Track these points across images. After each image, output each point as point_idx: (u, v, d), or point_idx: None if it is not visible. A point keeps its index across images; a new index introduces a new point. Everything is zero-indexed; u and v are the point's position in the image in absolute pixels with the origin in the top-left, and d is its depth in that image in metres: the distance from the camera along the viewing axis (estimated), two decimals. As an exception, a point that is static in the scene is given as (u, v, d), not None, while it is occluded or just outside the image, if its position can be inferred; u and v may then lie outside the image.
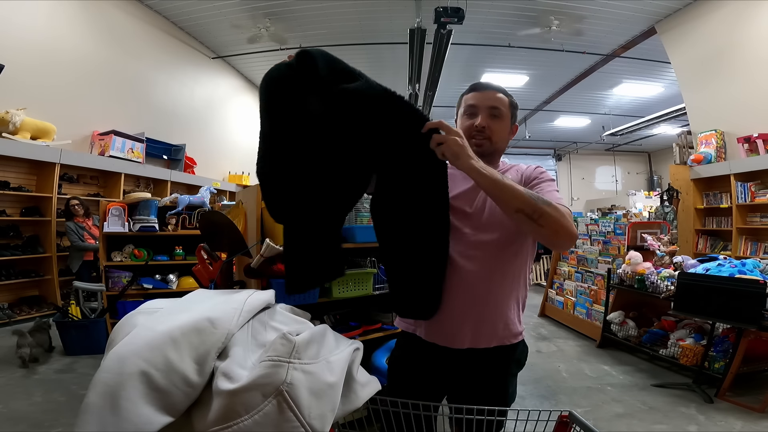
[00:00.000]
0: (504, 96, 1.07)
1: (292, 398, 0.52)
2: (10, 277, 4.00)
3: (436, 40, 5.57)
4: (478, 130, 1.03)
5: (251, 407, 0.51)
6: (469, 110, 1.07)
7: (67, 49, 4.73)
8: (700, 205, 5.06)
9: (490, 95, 1.06)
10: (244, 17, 6.05)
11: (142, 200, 3.53)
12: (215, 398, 0.54)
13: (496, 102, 1.05)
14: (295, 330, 0.67)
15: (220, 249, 2.11)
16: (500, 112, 1.05)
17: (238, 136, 8.69)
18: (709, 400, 2.47)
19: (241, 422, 0.51)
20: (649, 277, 3.14)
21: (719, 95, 5.02)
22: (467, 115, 1.07)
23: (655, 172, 14.10)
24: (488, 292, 0.97)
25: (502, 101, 1.06)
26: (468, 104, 1.07)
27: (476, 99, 1.06)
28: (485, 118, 1.04)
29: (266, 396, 0.52)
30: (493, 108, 1.04)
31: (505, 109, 1.06)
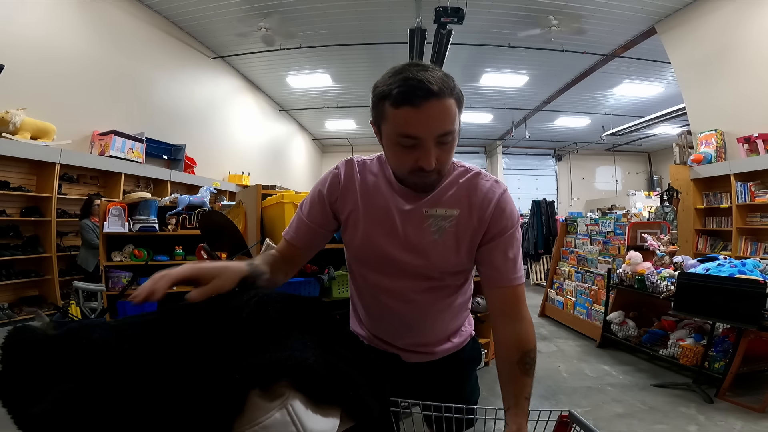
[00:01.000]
0: (452, 99, 0.71)
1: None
2: (10, 277, 4.00)
3: (436, 40, 5.57)
4: (428, 170, 0.74)
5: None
6: (407, 142, 0.72)
7: (67, 49, 4.73)
8: (700, 205, 5.06)
9: (438, 114, 0.69)
10: (244, 17, 6.05)
11: (142, 200, 3.53)
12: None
13: (447, 124, 0.71)
14: None
15: (220, 249, 2.11)
16: (452, 136, 0.73)
17: (238, 136, 8.70)
18: (709, 400, 2.47)
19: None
20: (649, 277, 3.14)
21: (719, 95, 5.02)
22: (405, 146, 0.73)
23: (655, 172, 14.10)
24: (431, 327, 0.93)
25: (452, 116, 0.71)
26: (403, 133, 0.71)
27: (419, 126, 0.70)
28: (434, 152, 0.73)
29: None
30: (443, 135, 0.72)
31: (457, 123, 0.73)
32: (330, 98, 9.49)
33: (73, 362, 0.44)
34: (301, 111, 10.87)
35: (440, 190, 0.84)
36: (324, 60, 7.56)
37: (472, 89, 8.79)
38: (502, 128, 11.95)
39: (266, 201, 1.97)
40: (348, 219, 0.89)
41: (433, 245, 0.84)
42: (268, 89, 9.45)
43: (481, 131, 12.38)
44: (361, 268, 0.92)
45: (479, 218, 0.83)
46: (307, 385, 0.52)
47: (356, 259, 0.93)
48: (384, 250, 0.86)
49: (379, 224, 0.86)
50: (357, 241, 0.88)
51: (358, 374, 0.63)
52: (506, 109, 9.93)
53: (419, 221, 0.84)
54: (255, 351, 0.53)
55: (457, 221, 0.84)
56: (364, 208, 0.87)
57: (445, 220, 0.84)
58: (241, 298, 0.62)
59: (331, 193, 0.89)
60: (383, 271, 0.88)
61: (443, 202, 0.84)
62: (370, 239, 0.86)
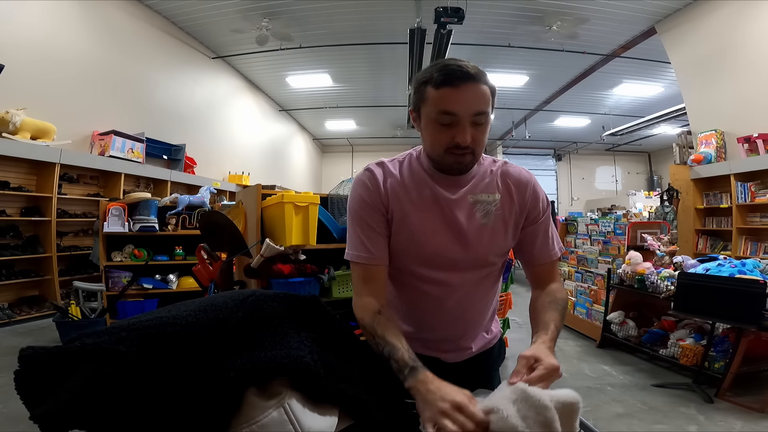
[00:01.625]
0: (486, 86, 0.79)
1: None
2: (10, 277, 4.00)
3: (436, 40, 5.57)
4: (463, 146, 0.79)
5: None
6: (445, 118, 0.78)
7: (67, 49, 4.73)
8: (700, 205, 5.06)
9: (474, 95, 0.77)
10: (244, 17, 6.05)
11: (142, 200, 3.53)
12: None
13: (483, 104, 0.78)
14: None
15: (220, 249, 2.11)
16: (485, 117, 0.80)
17: (238, 136, 8.70)
18: (709, 400, 2.46)
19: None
20: (649, 277, 3.14)
21: (719, 95, 5.02)
22: (443, 125, 0.79)
23: (655, 172, 14.10)
24: (471, 319, 0.97)
25: (486, 99, 0.79)
26: (443, 109, 0.78)
27: (457, 103, 0.77)
28: (470, 130, 0.79)
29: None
30: (478, 114, 0.78)
31: (490, 107, 0.81)
32: (330, 98, 9.48)
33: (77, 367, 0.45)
34: (301, 111, 10.87)
35: (477, 178, 0.90)
36: (324, 60, 7.56)
37: (472, 89, 8.76)
38: (502, 128, 11.95)
39: (266, 201, 1.97)
40: (395, 212, 0.88)
41: (483, 228, 0.88)
42: (268, 89, 9.44)
43: (481, 131, 12.36)
44: (408, 261, 0.91)
45: (520, 202, 0.90)
46: (304, 383, 0.52)
47: (403, 252, 0.90)
48: (434, 237, 0.87)
49: (427, 213, 0.87)
50: (405, 232, 0.88)
51: (356, 372, 0.62)
52: (506, 109, 9.93)
53: (467, 207, 0.88)
54: (251, 349, 0.53)
55: (501, 205, 0.89)
56: (409, 200, 0.88)
57: (490, 204, 0.89)
58: (237, 298, 0.61)
59: (371, 194, 0.88)
60: (433, 261, 0.89)
61: (483, 188, 0.89)
62: (421, 228, 0.87)
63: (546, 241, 0.92)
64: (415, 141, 0.69)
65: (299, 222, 1.86)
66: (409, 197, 0.88)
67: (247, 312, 0.58)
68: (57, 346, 0.46)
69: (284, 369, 0.51)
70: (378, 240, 0.87)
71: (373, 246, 0.86)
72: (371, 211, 0.88)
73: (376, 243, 0.87)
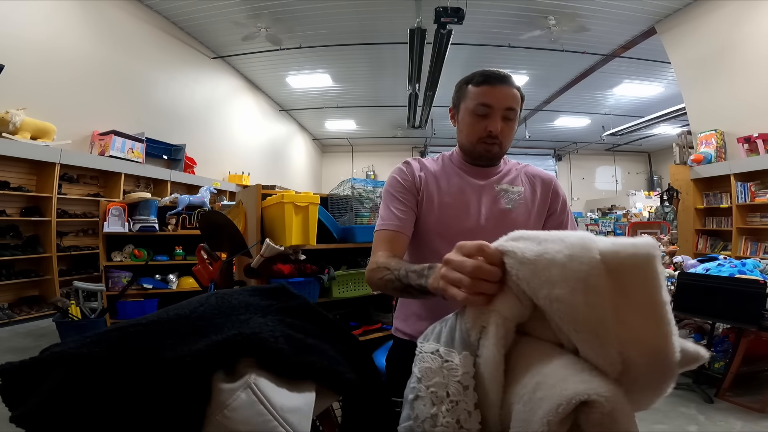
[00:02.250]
0: (517, 91, 0.96)
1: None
2: (10, 277, 4.00)
3: (436, 40, 5.57)
4: (492, 135, 0.94)
5: None
6: (481, 110, 0.94)
7: (67, 48, 4.73)
8: (700, 205, 5.06)
9: (507, 93, 0.93)
10: (244, 17, 6.05)
11: (142, 200, 3.53)
12: None
13: (512, 101, 0.94)
14: None
15: (220, 249, 2.11)
16: (514, 113, 0.95)
17: (238, 136, 8.70)
18: (709, 400, 2.46)
19: None
20: (649, 277, 3.13)
21: (719, 95, 5.02)
22: (479, 115, 0.95)
23: (655, 172, 14.10)
24: None
25: (516, 99, 0.95)
26: (480, 102, 0.93)
27: (492, 97, 0.93)
28: (501, 123, 0.94)
29: None
30: (509, 110, 0.94)
31: (518, 108, 0.97)
32: (330, 98, 9.48)
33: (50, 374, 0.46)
34: (301, 111, 10.87)
35: (502, 173, 1.03)
36: (324, 60, 7.56)
37: (472, 89, 8.77)
38: (502, 128, 11.95)
39: (266, 201, 1.97)
40: (425, 194, 0.99)
41: (507, 213, 0.98)
42: (268, 89, 9.44)
43: (481, 131, 12.37)
44: (434, 239, 0.97)
45: (543, 195, 1.03)
46: (270, 361, 0.51)
47: (431, 231, 0.98)
48: (461, 216, 0.97)
49: (455, 197, 0.99)
50: (433, 212, 0.98)
51: (329, 347, 0.61)
52: (506, 109, 9.92)
53: (493, 194, 1.00)
54: (209, 336, 0.52)
55: (525, 197, 1.01)
56: (439, 187, 1.00)
57: (514, 194, 1.00)
58: (203, 297, 0.61)
59: (406, 178, 1.00)
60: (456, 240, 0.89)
61: (509, 181, 1.02)
62: (448, 208, 0.97)
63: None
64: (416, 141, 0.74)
65: (299, 222, 1.86)
66: (439, 184, 1.00)
67: (210, 306, 0.59)
68: (32, 357, 0.47)
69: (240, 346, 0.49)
70: (407, 213, 0.97)
71: (401, 215, 0.96)
72: (404, 190, 0.99)
73: (405, 214, 0.97)
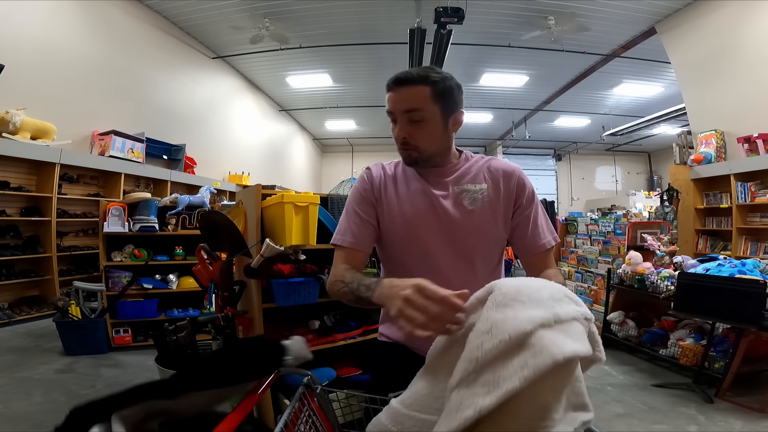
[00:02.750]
0: (424, 86, 0.87)
1: None
2: (10, 277, 4.00)
3: (436, 40, 5.57)
4: (401, 142, 0.91)
5: None
6: (390, 116, 0.92)
7: (67, 49, 4.73)
8: (700, 205, 5.06)
9: (403, 95, 0.88)
10: (244, 17, 6.05)
11: (142, 200, 3.53)
12: None
13: (412, 101, 0.87)
14: None
15: (220, 249, 2.11)
16: (420, 114, 0.88)
17: (238, 136, 8.70)
18: (709, 400, 2.46)
19: None
20: (649, 277, 3.13)
21: (719, 95, 5.02)
22: (392, 123, 0.93)
23: (655, 172, 14.09)
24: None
25: (420, 98, 0.87)
26: (387, 109, 0.92)
27: (391, 102, 0.90)
28: (404, 127, 0.89)
29: None
30: (409, 111, 0.88)
31: (428, 105, 0.87)
32: (330, 98, 9.48)
33: None
34: (301, 111, 10.87)
35: (462, 171, 0.98)
36: (324, 60, 7.56)
37: (472, 89, 8.78)
38: (502, 128, 11.95)
39: (266, 201, 1.96)
40: (385, 202, 0.97)
41: (470, 214, 0.93)
42: (268, 89, 9.44)
43: (481, 131, 12.38)
44: (402, 250, 0.96)
45: (506, 191, 0.96)
46: None
47: (397, 240, 0.96)
48: (423, 222, 0.93)
49: (416, 202, 0.95)
50: (396, 218, 0.95)
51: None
52: (506, 109, 9.93)
53: (454, 196, 0.94)
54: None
55: (488, 193, 0.95)
56: (399, 192, 0.97)
57: (476, 192, 0.95)
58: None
59: (366, 187, 0.99)
60: (422, 244, 0.93)
61: (469, 180, 0.96)
62: (410, 214, 0.94)
63: (537, 229, 0.95)
64: None
65: (299, 222, 1.85)
66: (398, 190, 0.97)
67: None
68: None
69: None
70: (364, 227, 0.95)
71: (358, 232, 0.95)
72: (363, 201, 0.97)
73: (363, 231, 0.95)
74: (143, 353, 3.18)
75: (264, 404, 1.84)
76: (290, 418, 0.66)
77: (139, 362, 3.03)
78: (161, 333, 1.86)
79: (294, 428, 0.67)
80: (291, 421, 0.66)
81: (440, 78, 0.88)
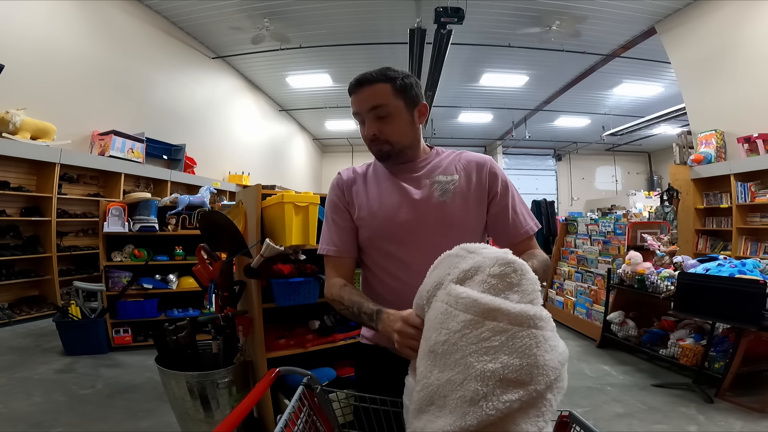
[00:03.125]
0: (384, 83, 0.92)
1: None
2: (10, 277, 4.00)
3: (436, 40, 5.57)
4: (372, 139, 0.95)
5: None
6: (357, 118, 0.97)
7: (67, 49, 4.73)
8: (700, 205, 5.06)
9: (366, 94, 0.93)
10: (244, 17, 6.05)
11: (142, 200, 3.53)
12: None
13: (375, 99, 0.92)
14: None
15: (220, 249, 2.11)
16: (385, 109, 0.92)
17: (238, 136, 8.70)
18: (709, 400, 2.47)
19: None
20: (649, 277, 3.14)
21: (719, 95, 5.02)
22: (358, 122, 0.98)
23: (655, 172, 14.10)
24: None
25: (382, 95, 0.92)
26: (353, 112, 0.97)
27: (355, 104, 0.95)
28: (372, 124, 0.94)
29: None
30: (374, 108, 0.93)
31: (392, 101, 0.92)
32: (330, 98, 9.48)
33: None
34: (301, 111, 10.87)
35: (434, 165, 1.00)
36: (324, 60, 7.56)
37: (472, 89, 8.79)
38: (502, 128, 11.95)
39: (266, 201, 1.96)
40: (358, 203, 0.99)
41: (442, 206, 0.94)
42: (268, 89, 9.44)
43: (481, 131, 12.38)
44: (381, 243, 0.97)
45: (478, 181, 0.97)
46: None
47: (373, 238, 0.97)
48: (396, 213, 0.95)
49: (388, 196, 0.97)
50: (369, 219, 0.97)
51: None
52: (506, 109, 9.93)
53: (426, 188, 0.96)
54: None
55: (460, 185, 0.96)
56: (369, 191, 1.00)
57: (448, 183, 0.96)
58: None
59: (337, 194, 1.02)
60: (403, 239, 0.94)
61: (441, 172, 0.98)
62: (383, 208, 0.96)
63: (517, 217, 0.97)
64: None
65: (299, 222, 1.85)
66: (368, 189, 1.00)
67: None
68: None
69: None
70: (345, 234, 0.99)
71: (340, 240, 0.99)
72: (336, 209, 1.01)
73: (343, 237, 0.99)
74: (143, 353, 3.18)
75: (264, 404, 1.84)
76: (290, 418, 0.66)
77: (139, 362, 3.03)
78: (161, 333, 1.85)
79: (294, 428, 0.67)
80: (291, 420, 0.66)
81: (398, 75, 0.93)
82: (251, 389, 0.71)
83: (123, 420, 2.17)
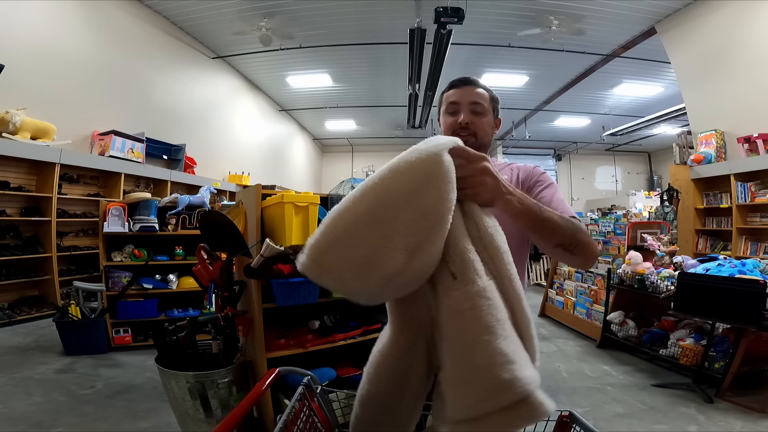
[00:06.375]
0: (484, 91, 1.09)
1: None
2: (10, 277, 4.00)
3: (436, 40, 5.57)
4: (462, 126, 1.04)
5: None
6: (451, 108, 1.08)
7: (67, 49, 4.73)
8: (700, 205, 5.06)
9: (469, 91, 1.07)
10: (244, 17, 6.05)
11: (142, 200, 3.53)
12: None
13: (477, 97, 1.07)
14: None
15: (220, 249, 2.11)
16: (482, 107, 1.07)
17: (238, 136, 8.69)
18: (709, 400, 2.47)
19: None
20: (649, 277, 3.14)
21: (719, 95, 5.02)
22: (449, 113, 1.09)
23: (655, 172, 14.09)
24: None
25: (482, 96, 1.08)
26: (449, 101, 1.09)
27: (457, 96, 1.08)
28: (468, 115, 1.05)
29: None
30: (474, 104, 1.06)
31: (487, 104, 1.08)
32: (330, 98, 9.48)
33: None
34: (301, 111, 10.86)
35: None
36: (324, 60, 7.56)
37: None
38: (502, 128, 11.85)
39: (266, 201, 1.96)
40: None
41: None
42: (268, 89, 9.44)
43: (481, 131, 12.37)
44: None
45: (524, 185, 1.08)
46: None
47: None
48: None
49: None
50: None
51: None
52: (506, 109, 9.92)
53: None
54: None
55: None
56: None
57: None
58: None
59: None
60: None
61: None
62: None
63: (558, 204, 0.98)
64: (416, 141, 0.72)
65: (299, 222, 1.85)
66: None
67: None
68: None
69: None
70: None
71: None
72: None
73: None
74: (143, 353, 3.18)
75: (264, 404, 1.84)
76: (290, 418, 0.66)
77: (139, 362, 3.03)
78: (161, 333, 1.85)
79: (294, 428, 0.67)
80: (291, 420, 0.66)
81: (491, 90, 1.12)
82: (251, 389, 0.71)
83: (123, 420, 2.17)
